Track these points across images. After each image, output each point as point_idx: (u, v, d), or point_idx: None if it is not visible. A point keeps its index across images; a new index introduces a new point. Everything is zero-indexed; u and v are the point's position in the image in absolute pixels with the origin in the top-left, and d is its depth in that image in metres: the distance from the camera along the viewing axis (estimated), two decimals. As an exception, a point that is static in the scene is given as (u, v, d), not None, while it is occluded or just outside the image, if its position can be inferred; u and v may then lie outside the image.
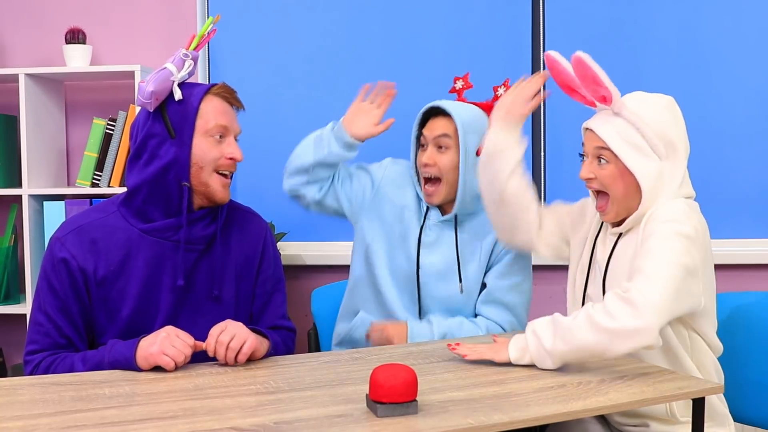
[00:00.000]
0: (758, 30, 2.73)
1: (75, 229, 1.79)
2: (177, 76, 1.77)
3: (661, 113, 1.77)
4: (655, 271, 1.59)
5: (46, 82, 2.70)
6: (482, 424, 1.34)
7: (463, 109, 2.08)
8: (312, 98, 2.83)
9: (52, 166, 2.75)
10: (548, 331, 1.63)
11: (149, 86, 1.74)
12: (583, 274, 1.91)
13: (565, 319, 1.63)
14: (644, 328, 1.55)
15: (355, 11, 2.82)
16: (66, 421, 1.35)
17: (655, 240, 1.65)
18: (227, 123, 1.80)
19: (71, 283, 1.77)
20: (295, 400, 1.47)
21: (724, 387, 1.57)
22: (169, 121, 1.77)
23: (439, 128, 2.07)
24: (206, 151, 1.78)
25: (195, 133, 1.77)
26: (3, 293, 2.67)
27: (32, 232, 2.61)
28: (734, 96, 2.75)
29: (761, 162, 2.75)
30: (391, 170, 2.20)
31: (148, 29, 2.82)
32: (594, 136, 1.78)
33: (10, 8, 2.83)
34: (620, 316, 1.55)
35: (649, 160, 1.75)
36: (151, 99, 1.75)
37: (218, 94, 1.81)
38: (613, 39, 2.77)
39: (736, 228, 2.76)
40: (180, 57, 1.78)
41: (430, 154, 2.07)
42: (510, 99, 1.94)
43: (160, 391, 1.53)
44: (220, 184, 1.81)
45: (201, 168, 1.78)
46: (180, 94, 1.76)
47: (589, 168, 1.80)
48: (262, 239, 1.95)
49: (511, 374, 1.65)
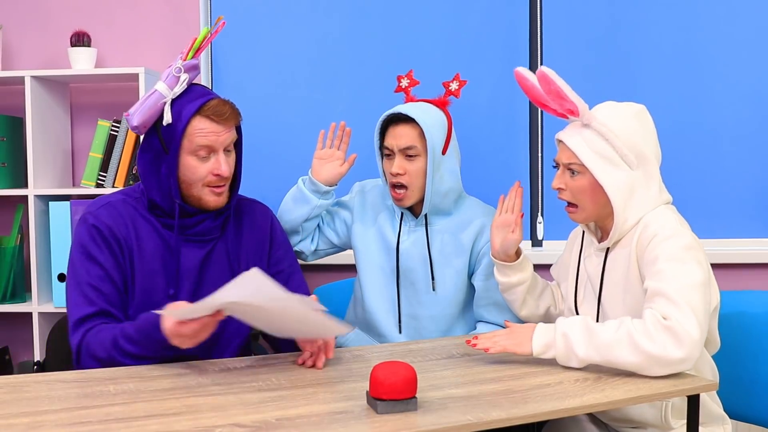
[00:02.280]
0: (752, 33, 2.74)
1: (105, 204, 1.87)
2: (169, 96, 1.79)
3: (630, 123, 1.78)
4: (681, 297, 1.60)
5: (52, 84, 2.72)
6: (480, 420, 1.35)
7: (422, 112, 2.07)
8: (313, 100, 2.85)
9: (57, 166, 2.77)
10: (582, 338, 1.64)
11: (134, 120, 1.79)
12: (572, 290, 1.94)
13: (601, 329, 1.63)
14: (687, 359, 1.58)
15: (356, 15, 2.83)
16: (71, 418, 1.37)
17: (665, 262, 1.66)
18: (211, 143, 1.82)
19: (109, 249, 1.82)
20: (296, 397, 1.49)
21: (718, 385, 1.58)
22: (162, 138, 1.82)
23: (405, 139, 2.06)
24: (193, 171, 1.83)
25: (181, 153, 1.82)
26: (9, 292, 2.69)
27: (38, 231, 2.63)
28: (729, 97, 2.76)
29: (756, 162, 2.76)
30: (361, 196, 2.25)
31: (152, 32, 2.84)
32: (565, 147, 1.80)
33: (16, 12, 2.85)
34: (664, 345, 1.57)
35: (619, 171, 1.75)
36: (139, 128, 1.81)
37: (207, 116, 1.81)
38: (610, 41, 2.78)
39: (730, 228, 2.76)
40: (173, 74, 1.79)
41: (400, 164, 2.06)
42: (498, 241, 1.98)
43: (163, 388, 1.55)
44: (213, 195, 1.86)
45: (190, 185, 1.84)
46: (170, 116, 1.79)
47: (561, 179, 1.82)
48: (269, 224, 2.02)
49: (508, 372, 1.67)
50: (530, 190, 2.83)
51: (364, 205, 2.23)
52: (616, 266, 1.81)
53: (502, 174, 2.81)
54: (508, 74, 2.78)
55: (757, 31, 2.74)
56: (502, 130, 2.81)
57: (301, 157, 2.83)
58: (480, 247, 2.14)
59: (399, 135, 2.07)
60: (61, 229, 2.61)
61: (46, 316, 2.64)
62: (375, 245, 2.18)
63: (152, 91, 1.80)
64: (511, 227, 1.96)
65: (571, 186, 1.80)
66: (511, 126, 2.79)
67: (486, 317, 2.14)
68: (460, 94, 2.16)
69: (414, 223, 2.15)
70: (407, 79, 2.19)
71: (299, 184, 2.18)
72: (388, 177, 2.11)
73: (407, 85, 2.18)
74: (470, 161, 2.75)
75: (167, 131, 1.81)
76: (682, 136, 2.77)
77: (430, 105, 2.12)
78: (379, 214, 2.20)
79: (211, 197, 1.85)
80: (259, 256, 1.98)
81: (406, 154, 2.06)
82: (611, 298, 1.81)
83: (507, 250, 1.98)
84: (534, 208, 2.84)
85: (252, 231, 1.98)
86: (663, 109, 2.77)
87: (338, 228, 2.25)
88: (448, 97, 2.15)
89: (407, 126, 2.06)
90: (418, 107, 2.08)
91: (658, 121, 2.82)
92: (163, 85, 1.79)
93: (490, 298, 2.12)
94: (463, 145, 2.25)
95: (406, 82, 2.18)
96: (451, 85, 2.15)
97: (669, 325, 1.58)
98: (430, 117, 2.07)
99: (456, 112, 2.19)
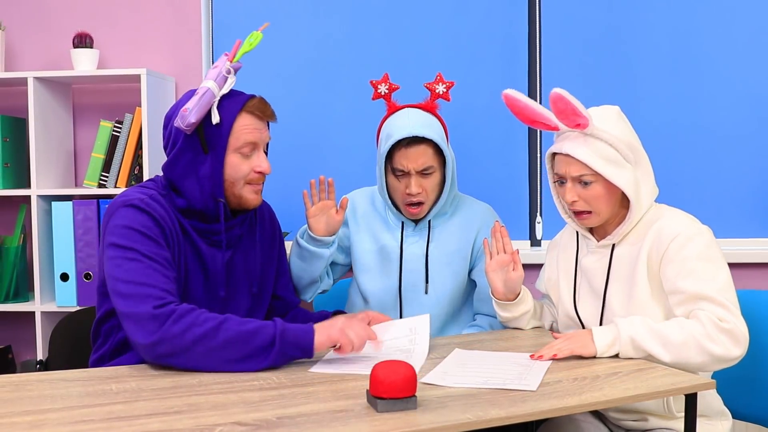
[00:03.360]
0: (749, 35, 2.75)
1: (149, 196, 1.79)
2: (218, 95, 1.78)
3: (619, 122, 1.83)
4: (726, 298, 1.72)
5: (55, 86, 2.73)
6: (479, 418, 1.36)
7: (430, 129, 2.03)
8: (314, 101, 2.86)
9: (60, 167, 2.78)
10: (652, 341, 1.71)
11: (192, 117, 1.74)
12: (570, 293, 1.95)
13: (668, 331, 1.71)
14: (743, 354, 1.70)
15: (356, 18, 2.84)
16: (74, 416, 1.37)
17: (697, 262, 1.75)
18: (257, 139, 1.84)
19: (165, 239, 1.74)
20: (297, 395, 1.50)
21: (716, 383, 1.60)
22: (204, 137, 1.80)
23: (422, 159, 2.03)
24: (237, 168, 1.83)
25: (227, 151, 1.81)
26: (12, 291, 2.70)
27: (41, 231, 2.64)
28: (726, 97, 2.77)
29: (753, 162, 2.77)
30: (352, 207, 2.22)
31: (154, 34, 2.85)
32: (572, 160, 1.80)
33: (20, 13, 2.87)
34: (726, 346, 1.68)
35: (625, 170, 1.80)
36: (192, 126, 1.77)
37: (251, 112, 1.83)
38: (608, 43, 2.79)
39: (728, 227, 2.77)
40: (223, 74, 1.77)
41: (418, 183, 2.05)
42: (501, 283, 1.98)
43: (165, 386, 1.56)
44: (253, 193, 1.87)
45: (233, 183, 1.84)
46: (218, 117, 1.78)
47: (573, 192, 1.83)
48: (273, 222, 2.06)
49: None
50: (529, 189, 2.84)
51: (356, 216, 2.22)
52: (622, 263, 1.86)
53: (502, 174, 2.83)
54: (508, 76, 2.81)
55: (754, 32, 2.75)
56: (501, 130, 2.82)
57: (301, 159, 2.85)
58: (480, 243, 2.15)
59: (415, 157, 2.03)
60: (64, 229, 2.62)
61: (49, 315, 2.65)
62: (374, 253, 2.18)
63: (205, 89, 1.76)
64: (509, 266, 1.97)
65: (585, 196, 1.82)
66: (509, 127, 2.80)
67: (484, 310, 2.17)
68: (449, 97, 2.11)
69: (413, 228, 2.16)
70: (384, 84, 2.10)
71: (300, 243, 2.09)
72: (401, 196, 2.09)
73: (387, 92, 2.10)
74: (470, 162, 2.77)
75: (211, 130, 1.80)
76: (679, 137, 2.79)
77: (426, 113, 2.08)
78: (372, 221, 2.21)
79: (252, 195, 1.87)
80: (269, 257, 2.00)
81: (424, 172, 2.06)
82: (616, 294, 1.86)
83: (513, 289, 1.98)
84: (533, 207, 2.85)
85: (262, 233, 2.00)
86: (661, 109, 2.79)
87: (343, 246, 2.24)
88: (435, 100, 2.10)
89: (420, 146, 2.03)
90: (423, 125, 2.03)
91: (656, 121, 2.85)
92: (213, 84, 1.76)
93: (489, 294, 2.13)
94: (462, 146, 2.26)
95: (384, 88, 2.10)
96: (437, 88, 2.10)
97: (727, 328, 1.68)
98: (436, 131, 2.05)
99: (455, 113, 2.20)
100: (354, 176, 2.64)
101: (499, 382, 1.56)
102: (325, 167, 2.83)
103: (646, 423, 1.83)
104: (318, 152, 2.86)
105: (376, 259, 2.19)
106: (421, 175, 2.06)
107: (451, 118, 2.19)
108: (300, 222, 2.16)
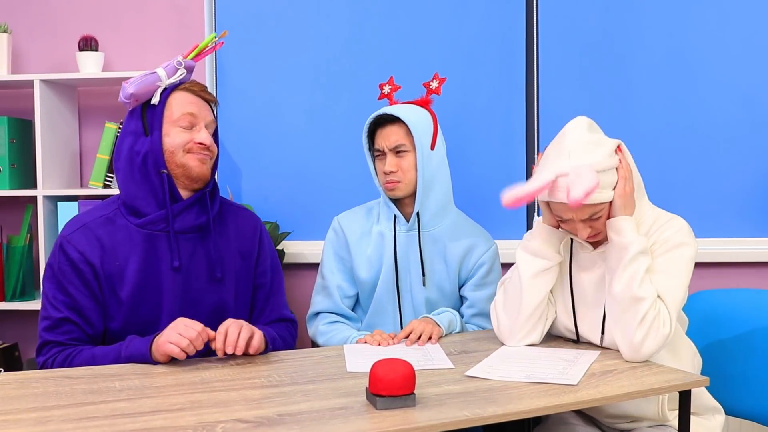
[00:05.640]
0: (743, 39, 2.76)
1: (80, 227, 1.86)
2: (164, 83, 1.85)
3: (598, 145, 1.76)
4: (674, 306, 1.75)
5: (60, 88, 2.76)
6: (477, 416, 1.37)
7: (406, 111, 2.13)
8: (315, 102, 2.88)
9: (65, 168, 2.81)
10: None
11: (130, 88, 1.83)
12: (569, 307, 1.92)
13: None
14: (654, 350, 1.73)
15: (357, 19, 2.85)
16: (78, 413, 1.39)
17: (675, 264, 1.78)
18: (194, 111, 1.88)
19: (81, 280, 1.83)
20: (297, 393, 1.51)
21: (709, 380, 1.61)
22: (146, 119, 1.86)
23: (394, 137, 2.12)
24: (174, 138, 1.86)
25: (164, 124, 1.86)
26: (19, 290, 2.73)
27: (47, 231, 2.67)
28: (721, 99, 2.77)
29: (748, 163, 2.78)
30: (340, 229, 2.24)
31: (158, 37, 2.87)
32: (585, 206, 1.74)
33: (26, 17, 2.89)
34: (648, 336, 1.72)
35: (626, 184, 1.77)
36: (130, 100, 1.84)
37: (185, 88, 1.89)
38: (605, 45, 2.80)
39: (723, 227, 2.78)
40: (174, 65, 1.86)
41: (391, 162, 2.12)
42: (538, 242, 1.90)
43: (168, 384, 1.58)
44: (196, 160, 1.88)
45: (173, 153, 1.86)
46: (158, 98, 1.85)
47: (586, 230, 1.79)
48: (258, 232, 2.03)
49: (506, 369, 1.69)
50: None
51: (347, 236, 2.23)
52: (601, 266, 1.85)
53: (499, 174, 2.84)
54: (506, 78, 2.82)
55: (749, 35, 2.76)
56: (499, 131, 2.83)
57: (303, 161, 2.87)
58: (471, 266, 2.18)
59: (387, 135, 2.13)
60: (69, 230, 2.64)
61: (55, 315, 2.67)
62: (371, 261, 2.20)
63: (152, 71, 1.85)
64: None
65: (598, 226, 1.80)
66: (508, 127, 2.81)
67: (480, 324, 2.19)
68: (441, 91, 2.21)
69: (406, 227, 2.19)
70: (389, 85, 2.24)
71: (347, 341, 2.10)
72: (381, 177, 2.17)
73: (390, 91, 2.23)
74: (469, 162, 2.78)
75: (151, 111, 1.86)
76: (676, 139, 2.80)
77: (413, 105, 2.18)
78: (364, 234, 2.23)
79: (195, 162, 1.87)
80: (245, 266, 1.98)
81: (397, 151, 2.12)
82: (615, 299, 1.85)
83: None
84: (531, 206, 2.86)
85: (238, 235, 1.98)
86: (657, 111, 2.80)
87: (347, 269, 2.24)
88: (429, 96, 2.21)
89: (394, 126, 2.13)
90: (401, 108, 2.14)
91: (653, 123, 2.85)
92: (162, 70, 1.85)
93: (482, 309, 2.17)
94: (461, 147, 2.28)
95: (388, 89, 2.23)
96: (431, 84, 2.21)
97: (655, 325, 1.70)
98: (415, 115, 2.13)
99: (454, 113, 2.22)
100: (354, 176, 2.65)
101: (542, 376, 1.60)
102: (326, 167, 2.86)
103: (641, 423, 1.84)
104: (318, 152, 2.88)
105: (375, 263, 2.20)
106: (395, 153, 2.13)
107: (450, 118, 2.21)
108: (300, 222, 2.17)
